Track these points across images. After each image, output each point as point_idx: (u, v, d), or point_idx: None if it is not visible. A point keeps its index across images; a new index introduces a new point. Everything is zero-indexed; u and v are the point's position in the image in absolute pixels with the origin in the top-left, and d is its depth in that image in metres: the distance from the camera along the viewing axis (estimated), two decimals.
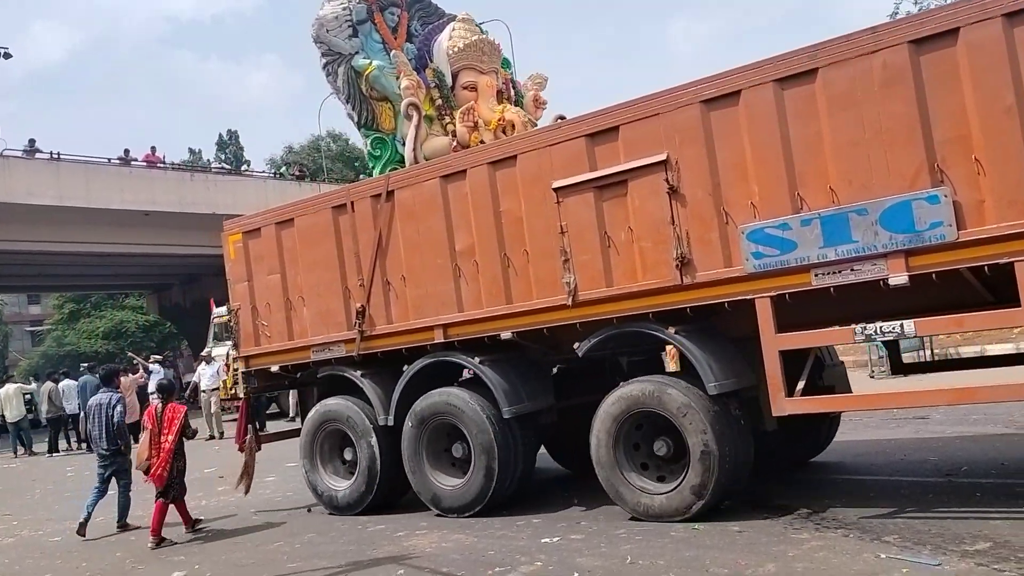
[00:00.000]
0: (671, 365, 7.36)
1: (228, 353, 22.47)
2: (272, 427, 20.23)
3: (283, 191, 34.98)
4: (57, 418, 20.78)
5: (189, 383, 22.89)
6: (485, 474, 8.22)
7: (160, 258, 34.19)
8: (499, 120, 9.35)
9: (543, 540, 7.24)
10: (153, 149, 32.13)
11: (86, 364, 25.81)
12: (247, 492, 10.20)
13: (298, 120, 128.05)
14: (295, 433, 10.29)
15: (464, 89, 9.73)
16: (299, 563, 7.56)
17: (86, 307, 51.66)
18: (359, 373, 9.16)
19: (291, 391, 20.87)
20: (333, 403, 9.45)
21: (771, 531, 6.65)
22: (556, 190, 7.70)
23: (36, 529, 10.69)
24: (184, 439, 9.25)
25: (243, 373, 10.26)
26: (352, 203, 9.13)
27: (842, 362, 9.16)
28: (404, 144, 9.62)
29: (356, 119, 9.83)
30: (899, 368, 8.78)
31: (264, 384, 10.54)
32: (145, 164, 30.84)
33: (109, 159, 29.82)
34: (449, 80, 9.80)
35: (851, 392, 8.26)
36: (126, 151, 30.62)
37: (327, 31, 9.69)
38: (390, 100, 9.75)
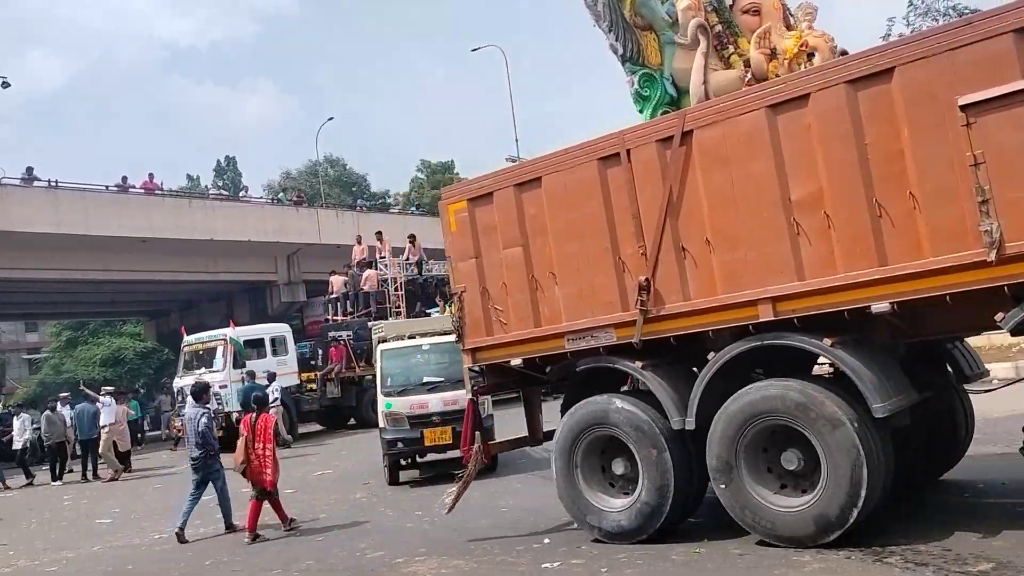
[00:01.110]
0: None
1: (196, 383, 22.66)
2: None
3: (281, 216, 34.54)
4: (54, 445, 19.42)
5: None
6: (848, 491, 6.06)
7: (158, 284, 33.02)
8: (800, 46, 7.39)
9: (544, 565, 6.92)
10: (151, 176, 30.98)
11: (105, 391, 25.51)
12: (450, 510, 8.41)
13: (295, 146, 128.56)
14: (525, 441, 8.92)
15: (744, 14, 7.71)
16: None
17: (83, 334, 48.91)
18: (639, 365, 7.15)
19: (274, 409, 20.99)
20: (600, 403, 7.37)
21: (772, 554, 6.31)
22: (965, 108, 5.64)
23: (33, 559, 10.22)
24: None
25: (469, 369, 8.51)
26: (628, 152, 7.12)
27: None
28: (673, 82, 7.72)
29: (620, 51, 7.91)
30: None
31: (496, 381, 8.61)
32: (143, 191, 29.76)
33: (107, 186, 28.81)
34: (728, 1, 7.80)
35: None
36: (124, 178, 29.66)
37: None
38: (655, 30, 7.78)
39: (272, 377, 20.16)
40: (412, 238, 27.25)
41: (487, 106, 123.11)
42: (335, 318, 26.39)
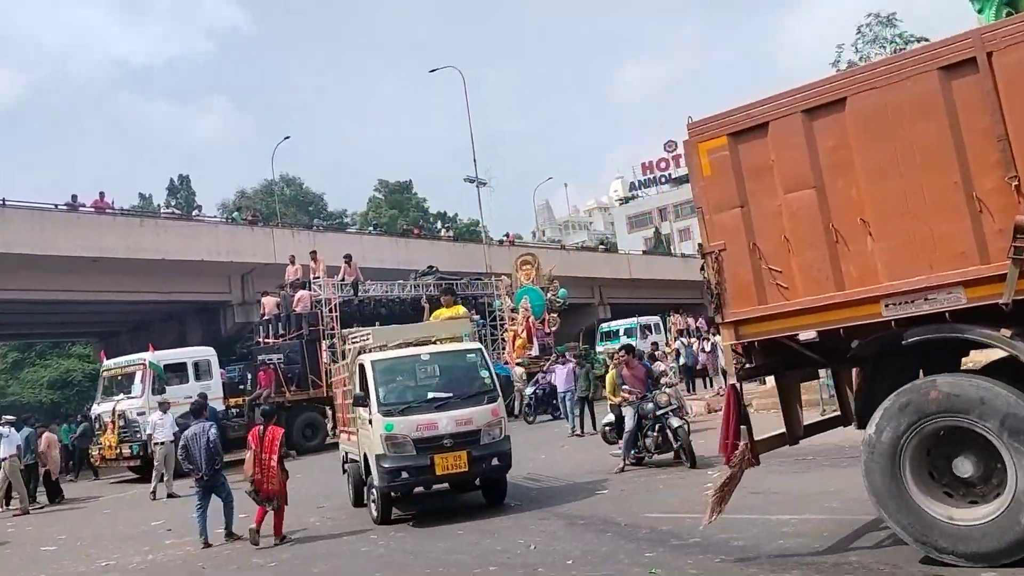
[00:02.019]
0: None
1: (113, 410, 20.31)
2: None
3: (236, 236, 34.06)
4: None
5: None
6: None
7: (108, 305, 32.27)
8: None
9: None
10: (102, 195, 30.40)
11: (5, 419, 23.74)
12: (712, 519, 6.77)
13: (251, 165, 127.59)
14: (784, 439, 7.23)
15: None
16: None
17: (31, 356, 47.83)
18: (1007, 334, 5.60)
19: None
20: (946, 385, 5.78)
21: (728, 573, 6.39)
22: None
23: None
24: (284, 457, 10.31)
25: (731, 348, 6.87)
26: (989, 55, 5.55)
27: None
28: None
29: None
30: None
31: (765, 361, 6.93)
32: (93, 210, 29.21)
33: (56, 205, 28.15)
34: None
35: None
36: (74, 197, 28.97)
37: None
38: None
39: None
40: (348, 258, 26.92)
41: (445, 127, 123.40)
42: (267, 340, 25.52)
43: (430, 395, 10.55)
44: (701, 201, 6.84)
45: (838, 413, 7.64)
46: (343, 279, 26.15)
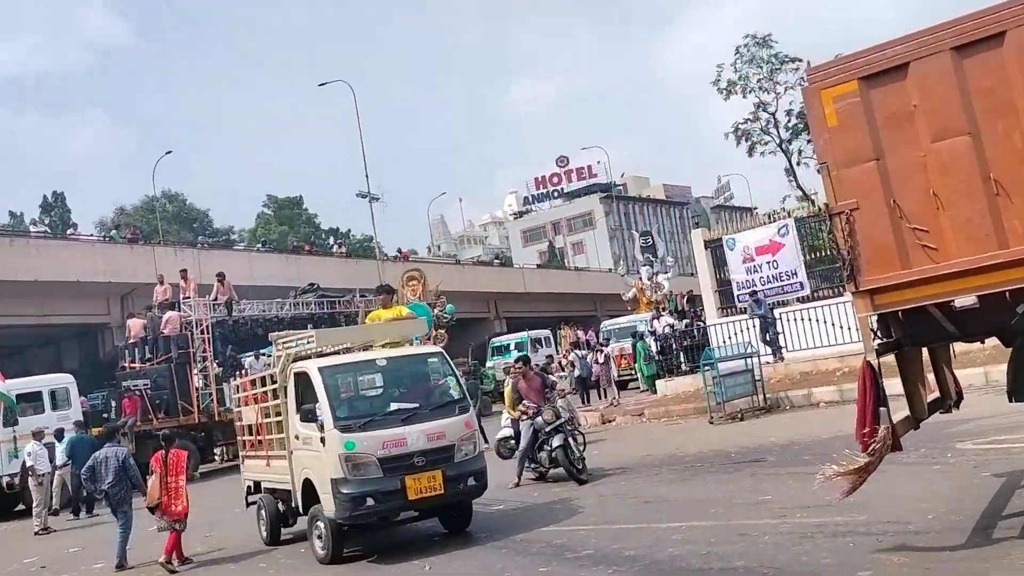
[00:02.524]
0: None
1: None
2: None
3: (113, 255, 32.92)
4: None
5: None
6: None
7: None
8: None
9: None
10: None
11: None
12: (841, 498, 6.18)
13: (131, 181, 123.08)
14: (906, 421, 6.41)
15: None
16: None
17: None
18: None
19: None
20: None
21: None
22: None
23: None
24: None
25: (866, 320, 6.07)
26: None
27: None
28: None
29: None
30: None
31: (906, 333, 6.23)
32: None
33: None
34: None
35: None
36: None
37: None
38: None
39: (60, 434, 17.49)
40: (220, 276, 25.40)
41: (337, 142, 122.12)
42: (132, 365, 23.92)
43: (394, 406, 9.06)
44: (826, 156, 6.08)
45: (937, 395, 7.22)
46: (215, 298, 24.87)
